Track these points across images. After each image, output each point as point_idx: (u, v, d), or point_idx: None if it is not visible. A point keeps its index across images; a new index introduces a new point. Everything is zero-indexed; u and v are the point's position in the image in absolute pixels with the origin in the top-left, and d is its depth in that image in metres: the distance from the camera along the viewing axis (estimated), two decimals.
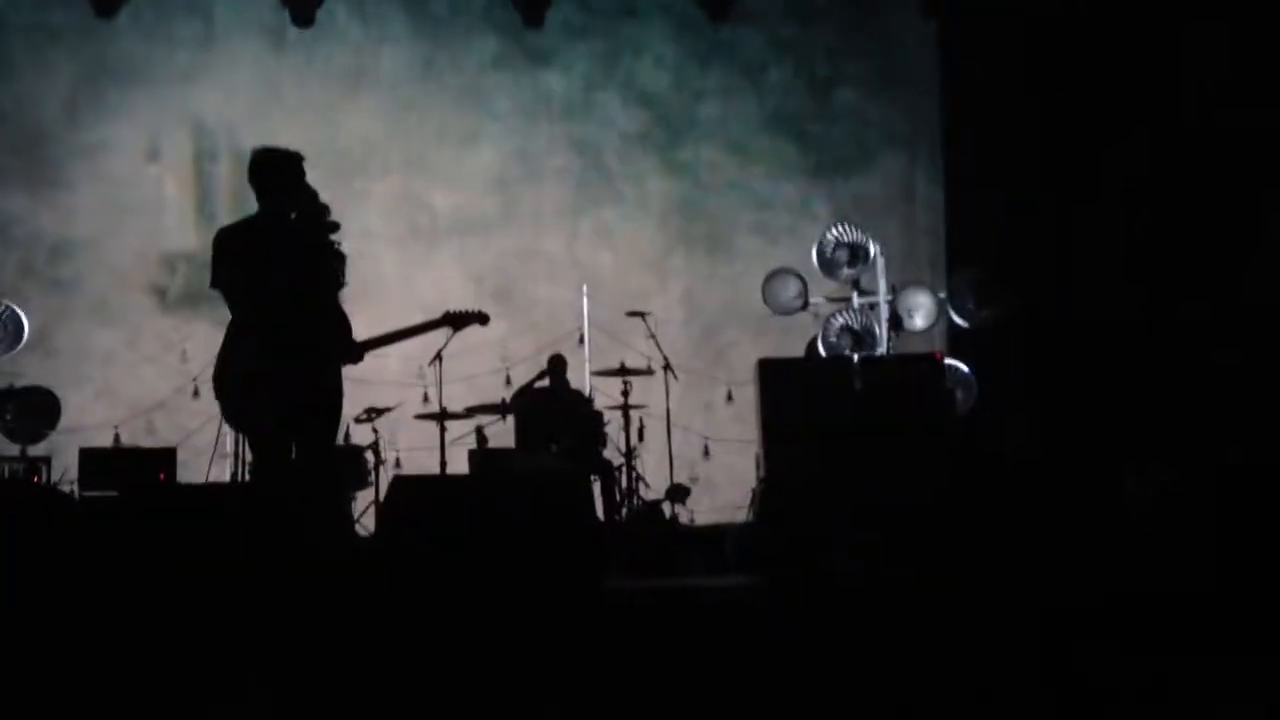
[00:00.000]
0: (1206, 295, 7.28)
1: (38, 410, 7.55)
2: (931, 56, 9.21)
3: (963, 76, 8.89)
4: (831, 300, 8.08)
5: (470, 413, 7.52)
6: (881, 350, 7.75)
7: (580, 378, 7.96)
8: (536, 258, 9.04)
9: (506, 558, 3.80)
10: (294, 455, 4.46)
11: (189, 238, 8.64)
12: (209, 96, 8.84)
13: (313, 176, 4.62)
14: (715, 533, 6.64)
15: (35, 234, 8.65)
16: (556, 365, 7.76)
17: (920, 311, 7.94)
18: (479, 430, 7.42)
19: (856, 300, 7.97)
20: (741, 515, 7.09)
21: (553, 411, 7.54)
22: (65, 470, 7.44)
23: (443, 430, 7.40)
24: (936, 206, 9.18)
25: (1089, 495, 5.03)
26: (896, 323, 7.87)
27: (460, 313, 5.10)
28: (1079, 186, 8.19)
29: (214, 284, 4.52)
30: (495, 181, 9.09)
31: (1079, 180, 8.20)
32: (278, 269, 4.38)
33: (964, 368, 7.80)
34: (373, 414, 7.40)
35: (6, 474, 7.12)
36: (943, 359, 7.27)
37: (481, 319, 5.18)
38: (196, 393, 7.61)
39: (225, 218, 8.05)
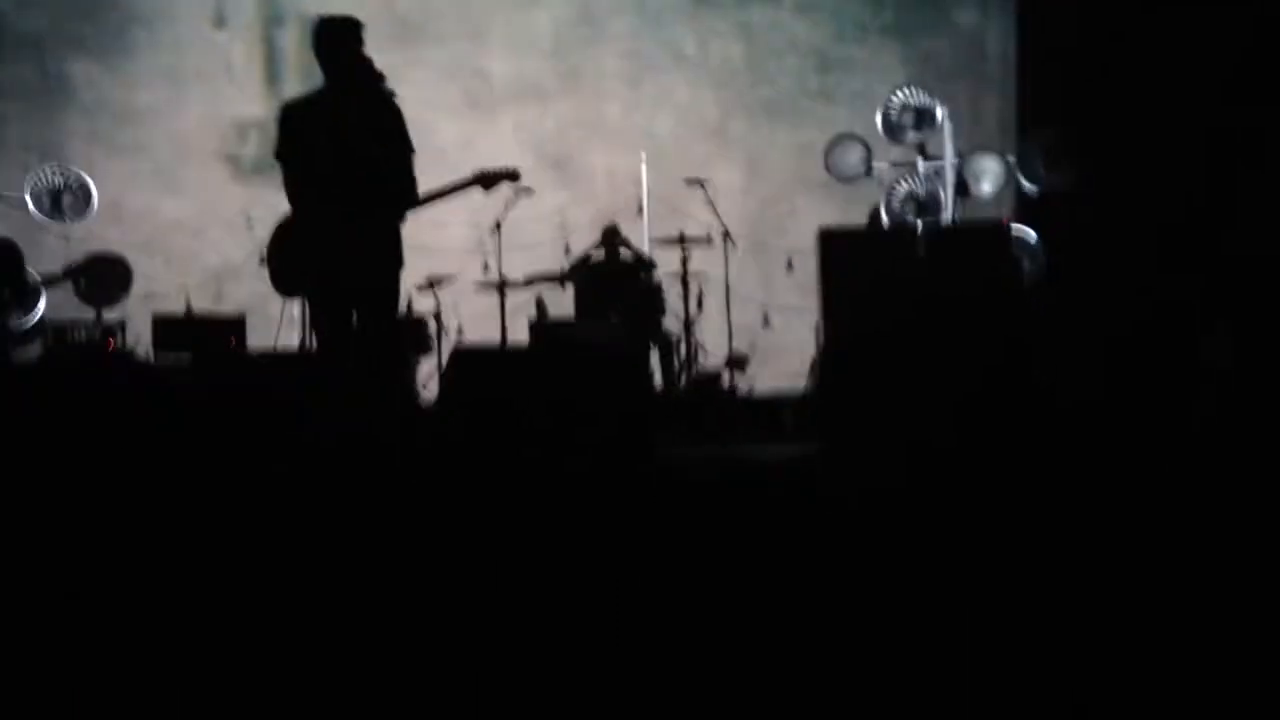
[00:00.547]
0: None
1: (110, 276, 7.74)
2: None
3: None
4: (896, 166, 7.91)
5: (529, 282, 7.56)
6: (947, 217, 7.60)
7: (640, 247, 7.91)
8: (595, 125, 8.90)
9: (563, 429, 3.87)
10: (356, 323, 4.55)
11: (255, 106, 8.63)
12: None
13: (370, 44, 4.60)
14: (774, 401, 6.67)
15: (101, 100, 8.72)
16: (611, 236, 7.72)
17: (987, 177, 7.75)
18: (539, 300, 7.46)
19: (922, 166, 7.79)
20: (801, 384, 7.11)
21: (610, 282, 7.54)
22: (139, 336, 7.65)
23: (503, 299, 7.45)
24: (1009, 68, 8.84)
25: (1164, 361, 4.95)
26: (963, 189, 7.69)
27: (490, 172, 5.06)
28: (1157, 53, 7.81)
29: (278, 155, 4.58)
30: (553, 48, 8.91)
31: (1158, 47, 7.81)
32: (341, 142, 4.39)
33: (1032, 236, 7.63)
34: (434, 282, 7.46)
35: (83, 337, 7.34)
36: (1010, 226, 7.12)
37: (512, 176, 5.14)
38: (263, 260, 7.70)
39: (292, 85, 8.09)
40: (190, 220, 8.71)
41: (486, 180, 5.00)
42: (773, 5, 8.95)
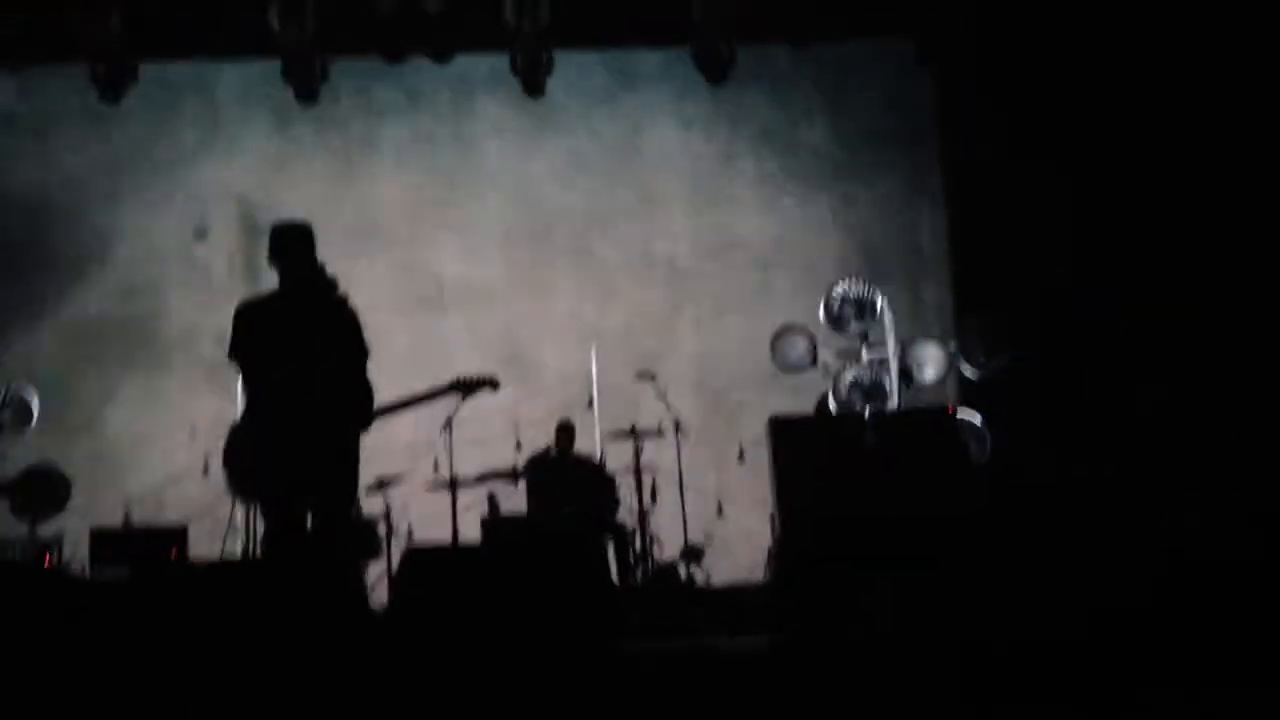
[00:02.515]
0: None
1: (47, 489, 7.54)
2: (928, 104, 9.29)
3: (961, 122, 8.96)
4: (841, 355, 8.06)
5: (481, 479, 7.48)
6: (893, 404, 7.70)
7: (591, 440, 7.91)
8: (544, 321, 9.04)
9: (522, 625, 3.75)
10: (310, 527, 4.44)
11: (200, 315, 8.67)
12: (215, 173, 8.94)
13: (323, 248, 4.68)
14: (733, 593, 6.56)
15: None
16: (563, 433, 7.73)
17: (930, 364, 7.91)
18: (491, 497, 7.38)
19: (865, 355, 7.94)
20: (758, 575, 7.01)
21: (563, 477, 7.50)
22: (75, 550, 7.41)
23: (454, 498, 7.35)
24: (940, 255, 9.19)
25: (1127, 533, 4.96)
26: (907, 376, 7.83)
27: (469, 379, 5.08)
28: (1085, 225, 8.22)
29: (231, 355, 4.58)
30: (501, 248, 9.12)
31: (1085, 219, 8.22)
32: (294, 342, 4.40)
33: (977, 420, 7.75)
34: (384, 483, 7.36)
35: (17, 554, 7.09)
36: (955, 412, 7.23)
37: (492, 384, 5.17)
38: (206, 469, 7.57)
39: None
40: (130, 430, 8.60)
41: (465, 387, 5.01)
42: (714, 206, 9.29)
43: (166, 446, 8.35)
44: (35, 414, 7.68)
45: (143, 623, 4.02)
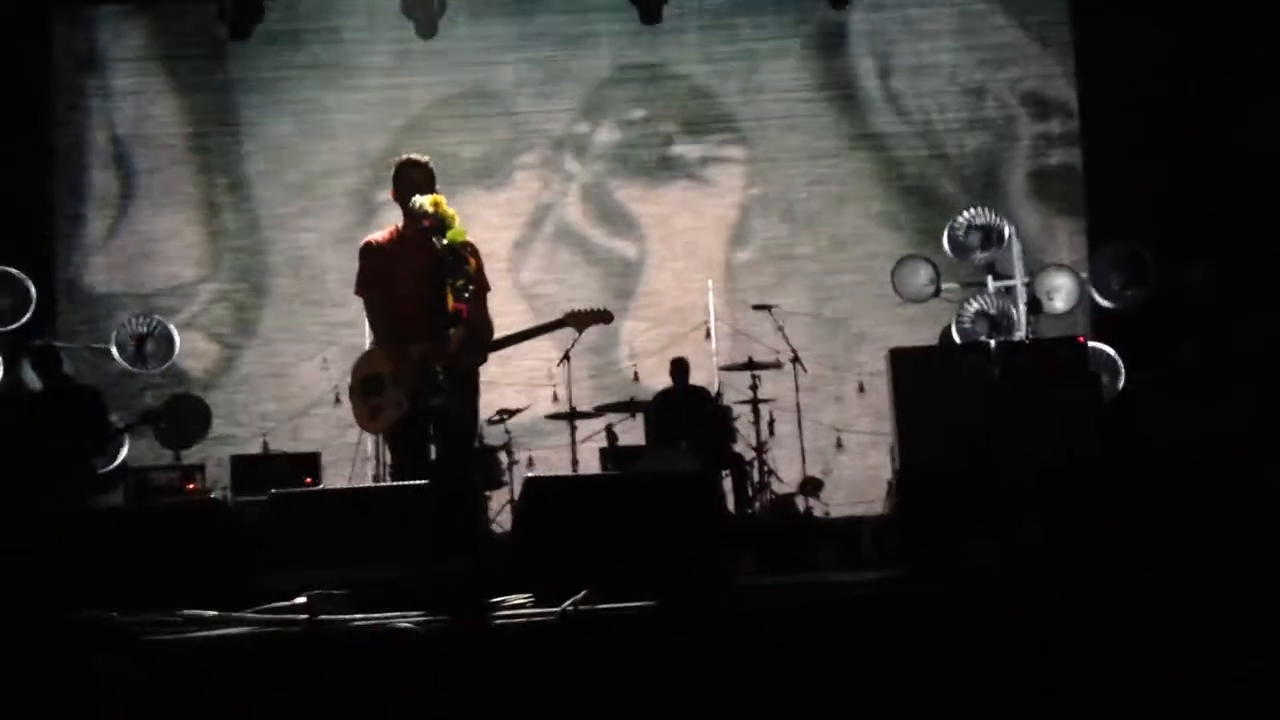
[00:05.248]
0: None
1: (190, 418, 7.91)
2: (1064, 20, 8.87)
3: (1099, 42, 8.52)
4: (966, 286, 7.87)
5: (599, 411, 7.57)
6: (1020, 335, 7.50)
7: (709, 372, 7.91)
8: (661, 253, 8.98)
9: (638, 556, 3.80)
10: (433, 457, 4.56)
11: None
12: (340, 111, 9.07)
13: (443, 184, 4.74)
14: (851, 526, 6.53)
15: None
16: (678, 367, 7.74)
17: (1060, 293, 7.66)
18: (609, 429, 7.46)
19: (992, 285, 7.74)
20: (877, 508, 6.97)
21: (681, 410, 7.53)
22: (217, 477, 7.78)
23: (573, 429, 7.46)
24: (1075, 182, 8.81)
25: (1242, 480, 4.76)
26: (1035, 306, 7.60)
27: (583, 312, 5.10)
28: (1217, 158, 7.76)
29: (358, 291, 4.70)
30: (617, 177, 9.07)
31: (1216, 152, 7.77)
32: (415, 278, 4.48)
33: (1109, 350, 7.50)
34: (505, 415, 7.51)
35: (163, 482, 7.46)
36: (1085, 342, 7.00)
37: (605, 317, 5.17)
38: (337, 399, 7.83)
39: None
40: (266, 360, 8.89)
41: (579, 321, 5.04)
42: (830, 133, 9.04)
43: (301, 377, 8.63)
44: (177, 347, 8.04)
45: (280, 544, 4.19)
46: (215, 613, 3.34)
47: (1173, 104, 7.91)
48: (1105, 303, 7.65)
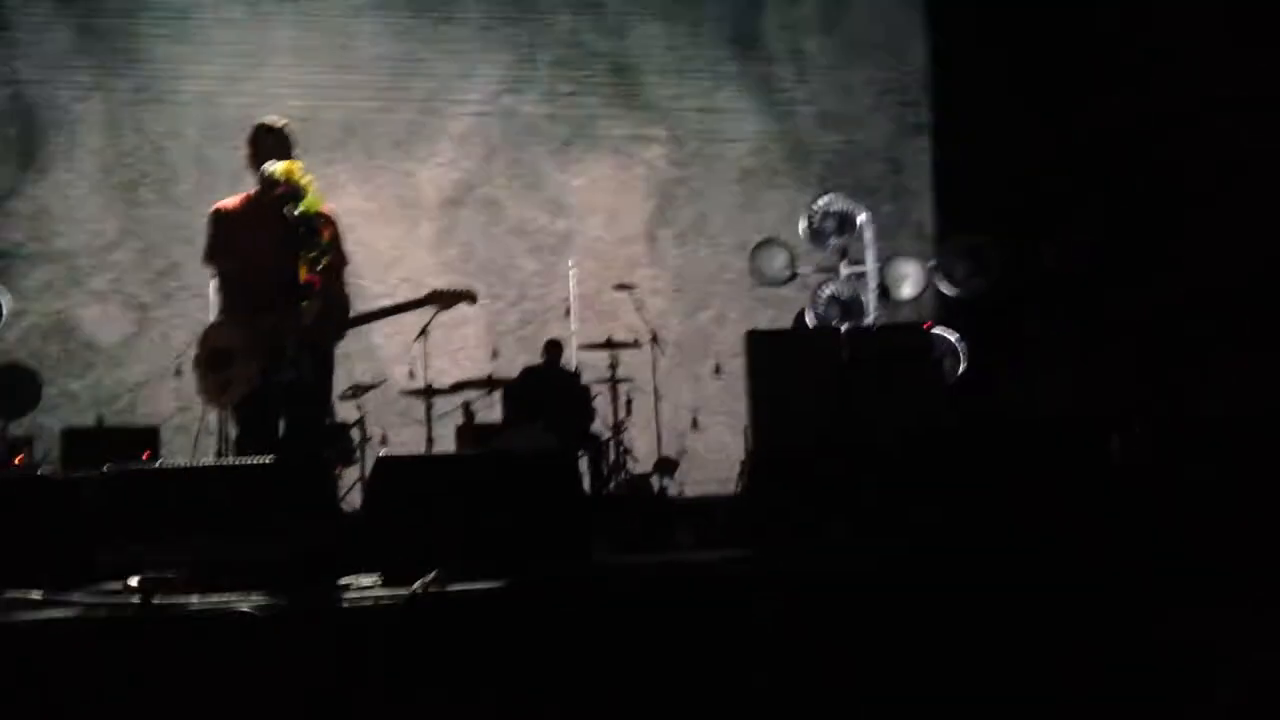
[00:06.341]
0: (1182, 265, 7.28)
1: (19, 388, 7.48)
2: (917, 18, 9.13)
3: (948, 39, 8.82)
4: (820, 271, 8.04)
5: (456, 388, 7.47)
6: (870, 320, 7.71)
7: (568, 351, 7.90)
8: (523, 231, 8.92)
9: (492, 537, 3.77)
10: (281, 433, 4.42)
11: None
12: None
13: (302, 151, 4.58)
14: (706, 505, 6.61)
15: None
16: (552, 347, 7.70)
17: (908, 281, 7.90)
18: (466, 406, 7.37)
19: (844, 270, 7.92)
20: (731, 488, 7.07)
21: (540, 388, 7.50)
22: (47, 450, 7.39)
23: (429, 407, 7.35)
24: (925, 174, 9.11)
25: (1076, 456, 5.00)
26: (885, 292, 7.82)
27: (447, 291, 5.00)
28: (1063, 149, 8.13)
29: (206, 260, 4.51)
30: (483, 153, 8.96)
31: (1063, 143, 8.14)
32: (268, 247, 4.32)
33: (952, 336, 7.77)
34: (358, 390, 7.34)
35: None
36: (931, 328, 7.24)
37: (469, 297, 5.09)
38: (178, 372, 7.52)
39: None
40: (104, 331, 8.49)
41: (443, 299, 4.92)
42: (693, 116, 9.14)
43: (139, 349, 8.28)
44: (4, 313, 7.59)
45: (116, 522, 4.01)
46: (41, 594, 3.18)
47: (1021, 95, 8.25)
48: (949, 290, 7.93)
